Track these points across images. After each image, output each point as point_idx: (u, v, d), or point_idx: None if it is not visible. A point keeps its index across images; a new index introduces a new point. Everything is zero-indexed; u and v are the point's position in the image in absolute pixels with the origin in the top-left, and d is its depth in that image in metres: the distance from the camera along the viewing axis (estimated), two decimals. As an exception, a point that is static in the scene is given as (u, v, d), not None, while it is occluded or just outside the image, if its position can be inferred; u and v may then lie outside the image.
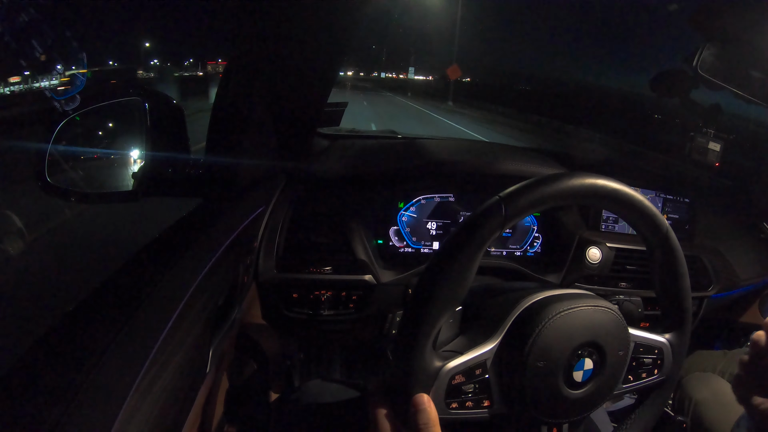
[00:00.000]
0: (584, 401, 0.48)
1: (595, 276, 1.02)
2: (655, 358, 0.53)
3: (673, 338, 0.55)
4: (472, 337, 0.49)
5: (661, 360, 0.54)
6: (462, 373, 0.45)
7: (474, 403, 0.46)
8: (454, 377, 0.45)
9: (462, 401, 0.45)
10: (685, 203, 1.13)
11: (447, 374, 0.44)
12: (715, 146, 1.05)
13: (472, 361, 0.46)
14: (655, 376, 0.54)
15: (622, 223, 1.09)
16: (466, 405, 0.46)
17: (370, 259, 0.94)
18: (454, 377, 0.45)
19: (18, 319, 1.92)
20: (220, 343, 0.61)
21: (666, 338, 0.54)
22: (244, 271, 0.77)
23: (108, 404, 0.34)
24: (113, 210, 3.35)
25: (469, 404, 0.46)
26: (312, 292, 0.92)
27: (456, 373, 0.45)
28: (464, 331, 0.51)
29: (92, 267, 2.48)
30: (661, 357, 0.54)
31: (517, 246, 1.06)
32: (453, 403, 0.45)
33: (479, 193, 1.03)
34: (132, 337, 0.41)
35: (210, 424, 0.74)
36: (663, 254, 0.52)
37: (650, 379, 0.54)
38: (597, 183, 0.46)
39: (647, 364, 0.53)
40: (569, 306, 0.47)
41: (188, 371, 0.49)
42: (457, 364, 0.45)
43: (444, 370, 0.44)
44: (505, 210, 0.43)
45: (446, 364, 0.45)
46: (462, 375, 0.45)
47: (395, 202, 1.01)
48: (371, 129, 2.05)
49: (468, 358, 0.46)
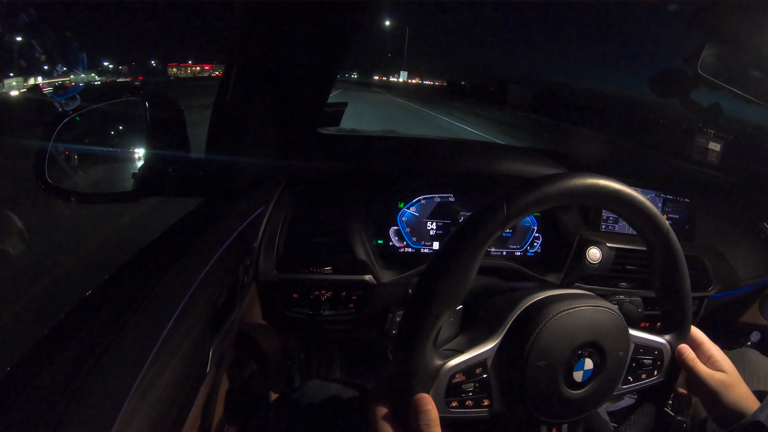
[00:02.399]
0: (584, 401, 0.48)
1: (595, 276, 1.02)
2: (655, 359, 0.53)
3: (673, 339, 0.55)
4: (472, 336, 0.49)
5: (660, 361, 0.54)
6: (462, 372, 0.45)
7: (474, 402, 0.46)
8: (455, 376, 0.45)
9: (462, 400, 0.45)
10: (685, 203, 1.13)
11: (447, 373, 0.44)
12: (715, 146, 1.05)
13: (472, 360, 0.46)
14: (655, 377, 0.54)
15: (622, 223, 1.09)
16: (466, 404, 0.46)
17: (370, 259, 0.94)
18: (455, 376, 0.45)
19: (18, 319, 1.92)
20: (220, 343, 0.61)
21: (666, 339, 0.54)
22: (244, 271, 0.76)
23: (108, 404, 0.34)
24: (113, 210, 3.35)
25: (469, 403, 0.46)
26: (312, 292, 0.92)
27: (456, 372, 0.45)
28: (465, 330, 0.51)
29: (92, 267, 2.48)
30: (661, 358, 0.54)
31: (517, 246, 1.06)
32: (453, 402, 0.45)
33: (479, 193, 1.03)
34: (132, 337, 0.41)
35: (210, 424, 0.74)
36: (664, 255, 0.52)
37: (650, 380, 0.54)
38: (598, 183, 0.46)
39: (647, 365, 0.53)
40: (570, 306, 0.47)
41: (188, 371, 0.49)
42: (458, 362, 0.45)
43: (444, 368, 0.44)
44: (507, 209, 0.43)
45: (446, 363, 0.45)
46: (462, 374, 0.45)
47: (395, 202, 1.01)
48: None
49: (468, 357, 0.46)
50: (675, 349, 0.55)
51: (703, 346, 0.58)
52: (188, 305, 0.48)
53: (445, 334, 0.49)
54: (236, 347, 0.94)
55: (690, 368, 0.55)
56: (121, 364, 0.38)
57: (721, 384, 0.55)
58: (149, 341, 0.41)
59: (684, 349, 0.55)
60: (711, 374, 0.55)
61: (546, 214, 1.06)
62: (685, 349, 0.55)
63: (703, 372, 0.55)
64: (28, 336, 0.67)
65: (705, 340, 0.58)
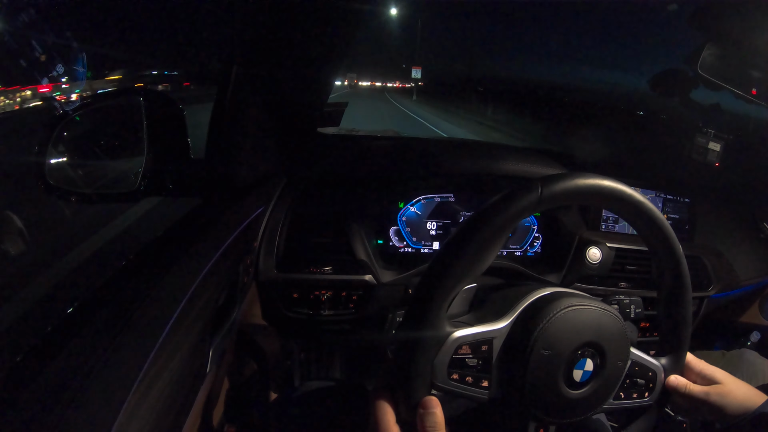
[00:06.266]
0: (577, 403, 0.48)
1: (595, 276, 1.02)
2: (647, 381, 0.54)
3: (668, 365, 0.55)
4: (483, 314, 0.51)
5: (653, 384, 0.54)
6: (469, 344, 0.46)
7: (474, 379, 0.46)
8: (461, 347, 0.45)
9: (463, 374, 0.46)
10: (685, 203, 1.13)
11: (454, 342, 0.45)
12: (715, 146, 1.05)
13: (480, 335, 0.46)
14: (645, 399, 0.54)
15: (622, 223, 1.09)
16: (465, 379, 0.46)
17: (370, 259, 0.94)
18: (461, 347, 0.45)
19: (18, 319, 1.92)
20: (220, 343, 0.61)
21: (661, 363, 0.55)
22: (244, 271, 0.76)
23: (108, 404, 0.34)
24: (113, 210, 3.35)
25: (468, 379, 0.46)
26: (312, 292, 0.92)
27: (463, 343, 0.46)
28: (475, 309, 0.52)
29: (92, 267, 2.48)
30: (653, 381, 0.54)
31: (517, 246, 1.06)
32: (454, 374, 0.46)
33: (479, 193, 1.03)
34: (132, 337, 0.41)
35: (210, 424, 0.74)
36: (672, 281, 0.53)
37: (639, 401, 0.54)
38: (625, 192, 0.48)
39: (639, 385, 0.53)
40: (581, 303, 0.48)
41: (188, 371, 0.49)
42: (466, 333, 0.46)
43: (452, 336, 0.45)
44: (542, 191, 0.45)
45: (455, 332, 0.45)
46: (468, 347, 0.46)
47: (395, 202, 1.01)
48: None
49: (477, 331, 0.46)
50: (668, 375, 0.55)
51: (690, 364, 0.58)
52: (188, 305, 0.48)
53: (454, 309, 0.50)
54: (236, 347, 0.94)
55: (684, 395, 0.55)
56: (121, 364, 0.38)
57: (720, 396, 0.55)
58: (149, 341, 0.41)
59: (673, 380, 0.55)
60: (707, 391, 0.55)
61: (546, 214, 1.06)
62: (674, 379, 0.55)
63: (699, 392, 0.55)
64: (28, 336, 0.66)
65: (691, 359, 0.58)
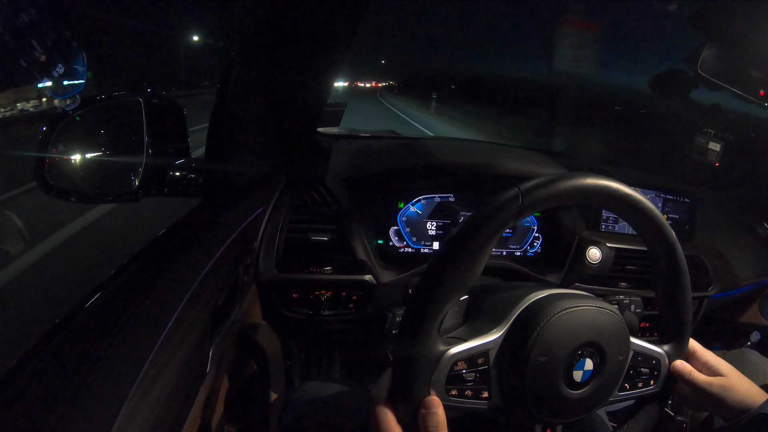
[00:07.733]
0: (581, 402, 0.48)
1: (595, 276, 1.02)
2: (652, 369, 0.54)
3: (671, 350, 0.55)
4: (476, 326, 0.50)
5: (657, 371, 0.54)
6: (464, 360, 0.45)
7: (473, 392, 0.46)
8: (456, 363, 0.45)
9: (462, 390, 0.46)
10: (685, 203, 1.13)
11: (449, 360, 0.45)
12: (715, 146, 1.05)
13: (475, 349, 0.46)
14: (651, 386, 0.54)
15: (622, 223, 1.09)
16: (465, 394, 0.46)
17: (370, 259, 0.94)
18: (456, 363, 0.45)
19: (18, 319, 1.92)
20: (220, 343, 0.61)
21: (664, 350, 0.55)
22: (244, 271, 0.76)
23: (108, 405, 0.34)
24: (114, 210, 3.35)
25: (468, 393, 0.46)
26: (312, 292, 0.92)
27: (458, 360, 0.45)
28: (469, 321, 0.52)
29: (92, 267, 2.48)
30: (658, 368, 0.54)
31: (517, 246, 1.06)
32: (453, 390, 0.45)
33: (479, 193, 1.03)
34: (132, 337, 0.41)
35: (210, 424, 0.74)
36: (668, 265, 0.53)
37: (646, 390, 0.54)
38: (610, 186, 0.47)
39: (643, 374, 0.53)
40: (575, 304, 0.47)
41: (188, 371, 0.49)
42: (461, 350, 0.45)
43: (447, 355, 0.45)
44: (522, 200, 0.44)
45: (449, 349, 0.45)
46: (464, 362, 0.45)
47: (395, 202, 1.00)
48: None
49: (471, 346, 0.46)
50: (672, 361, 0.55)
51: (697, 353, 0.58)
52: (188, 305, 0.48)
53: (448, 323, 0.49)
54: (236, 347, 0.94)
55: (688, 381, 0.55)
56: (121, 364, 0.38)
57: (722, 388, 0.55)
58: (149, 341, 0.41)
59: (678, 365, 0.55)
60: (710, 381, 0.55)
61: (546, 214, 1.06)
62: (680, 364, 0.55)
63: (703, 381, 0.55)
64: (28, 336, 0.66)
65: (697, 348, 0.58)
